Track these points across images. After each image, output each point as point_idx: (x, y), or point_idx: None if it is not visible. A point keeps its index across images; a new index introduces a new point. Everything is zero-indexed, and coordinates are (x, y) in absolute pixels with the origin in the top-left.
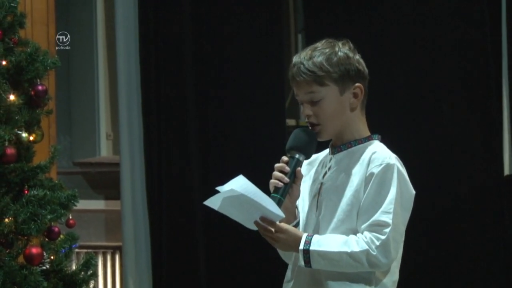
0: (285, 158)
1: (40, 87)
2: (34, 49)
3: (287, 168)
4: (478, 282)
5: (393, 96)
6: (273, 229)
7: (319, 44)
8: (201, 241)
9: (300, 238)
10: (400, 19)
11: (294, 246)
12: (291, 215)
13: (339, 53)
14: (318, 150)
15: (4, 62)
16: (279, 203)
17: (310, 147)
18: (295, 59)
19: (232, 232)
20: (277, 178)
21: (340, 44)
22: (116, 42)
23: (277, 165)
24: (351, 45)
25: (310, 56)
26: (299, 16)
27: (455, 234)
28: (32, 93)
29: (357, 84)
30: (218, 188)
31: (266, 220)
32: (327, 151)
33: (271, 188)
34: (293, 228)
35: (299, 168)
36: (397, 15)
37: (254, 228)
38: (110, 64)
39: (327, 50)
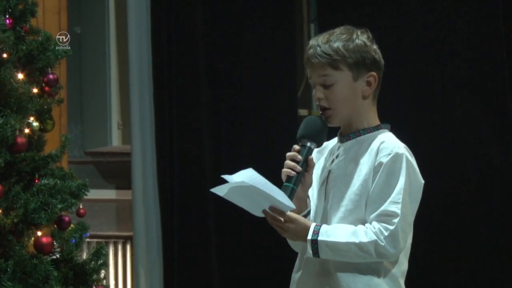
0: (296, 146)
1: (51, 76)
2: (46, 38)
3: (299, 157)
4: (489, 269)
5: (406, 87)
6: (282, 219)
7: (337, 30)
8: (212, 230)
9: (308, 228)
10: (414, 11)
11: (303, 236)
12: (303, 204)
13: (357, 40)
14: (328, 138)
15: (15, 51)
16: (292, 192)
17: (321, 135)
18: (312, 41)
19: (243, 221)
20: (289, 167)
21: (358, 32)
22: (127, 31)
23: (288, 154)
24: (370, 34)
25: (327, 40)
26: (312, 6)
27: (465, 224)
28: (44, 82)
29: (371, 73)
30: (226, 176)
31: (276, 210)
32: (336, 139)
33: (283, 178)
34: (302, 218)
35: (311, 156)
36: (411, 7)
37: (261, 215)
38: (122, 53)
39: (344, 36)
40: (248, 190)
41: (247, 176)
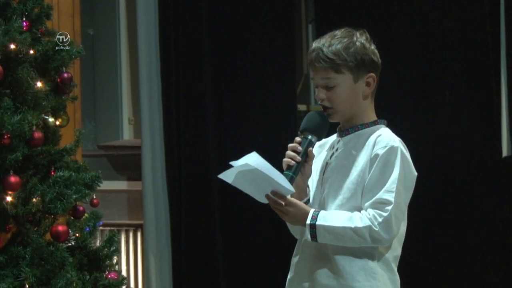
0: (298, 138)
1: (65, 75)
2: (60, 39)
3: (300, 148)
4: (477, 260)
5: (400, 84)
6: (283, 203)
7: (338, 32)
8: (218, 218)
9: (307, 213)
10: (408, 11)
11: (302, 220)
12: (303, 193)
13: (357, 43)
14: (329, 133)
15: (31, 51)
16: (291, 180)
17: (322, 130)
18: (315, 44)
19: (246, 209)
20: (290, 157)
21: (358, 33)
22: (137, 32)
23: (290, 145)
24: (368, 35)
25: (329, 44)
26: (310, 8)
27: (455, 213)
28: (58, 80)
29: (370, 74)
30: (232, 162)
31: (277, 194)
32: (336, 134)
33: (284, 166)
34: (302, 203)
35: (311, 148)
36: (404, 8)
37: (265, 201)
38: (132, 53)
39: (345, 39)
40: (252, 174)
41: (252, 160)
